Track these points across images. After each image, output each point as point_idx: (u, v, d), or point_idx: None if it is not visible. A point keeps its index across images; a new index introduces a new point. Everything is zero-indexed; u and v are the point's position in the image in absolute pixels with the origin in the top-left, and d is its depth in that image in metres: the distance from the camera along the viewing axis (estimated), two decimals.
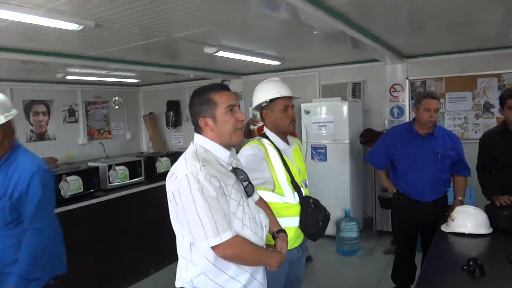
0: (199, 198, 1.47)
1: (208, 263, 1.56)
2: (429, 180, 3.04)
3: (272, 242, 1.86)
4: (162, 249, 4.41)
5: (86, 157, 6.69)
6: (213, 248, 1.50)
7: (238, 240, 1.54)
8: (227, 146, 1.67)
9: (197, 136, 1.68)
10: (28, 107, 6.18)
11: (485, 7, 2.96)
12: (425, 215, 3.07)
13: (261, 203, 1.94)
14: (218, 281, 1.57)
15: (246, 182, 1.69)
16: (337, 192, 5.14)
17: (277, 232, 1.87)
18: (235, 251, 1.53)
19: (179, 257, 1.66)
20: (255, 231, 1.68)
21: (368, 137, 5.18)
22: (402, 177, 3.17)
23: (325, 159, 5.30)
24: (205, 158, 1.58)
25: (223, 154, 1.65)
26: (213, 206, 1.48)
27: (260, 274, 1.71)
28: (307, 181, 2.40)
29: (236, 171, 1.69)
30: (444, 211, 2.98)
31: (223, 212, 1.50)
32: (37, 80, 6.03)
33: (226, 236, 1.49)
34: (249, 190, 1.69)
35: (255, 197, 1.85)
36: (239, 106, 1.69)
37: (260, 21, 3.13)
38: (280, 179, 2.17)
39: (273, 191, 2.16)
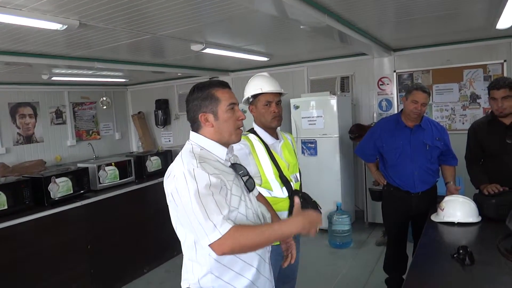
0: (197, 195, 1.42)
1: (213, 261, 1.52)
2: (419, 171, 3.07)
3: None
4: (155, 248, 4.42)
5: (75, 159, 6.65)
6: (212, 245, 1.41)
7: (236, 231, 1.41)
8: (225, 144, 1.64)
9: (192, 134, 1.64)
10: (14, 110, 6.10)
11: None
12: (415, 206, 3.10)
13: (260, 198, 1.93)
14: (225, 279, 1.54)
15: (246, 177, 1.67)
16: (328, 185, 5.16)
17: None
18: (234, 242, 1.41)
19: (184, 258, 1.62)
20: None
21: (357, 133, 5.21)
22: (392, 169, 3.19)
23: (316, 154, 5.32)
24: (201, 155, 1.55)
25: (220, 151, 1.62)
26: (210, 202, 1.42)
27: (266, 270, 1.68)
28: (298, 176, 2.41)
29: (235, 166, 1.66)
30: (433, 202, 3.01)
31: (219, 206, 1.42)
32: (22, 82, 5.95)
33: (224, 229, 1.39)
34: (249, 185, 1.67)
35: (255, 192, 1.84)
36: (237, 105, 1.68)
37: (246, 17, 3.12)
38: (267, 174, 2.18)
39: (260, 185, 2.17)
